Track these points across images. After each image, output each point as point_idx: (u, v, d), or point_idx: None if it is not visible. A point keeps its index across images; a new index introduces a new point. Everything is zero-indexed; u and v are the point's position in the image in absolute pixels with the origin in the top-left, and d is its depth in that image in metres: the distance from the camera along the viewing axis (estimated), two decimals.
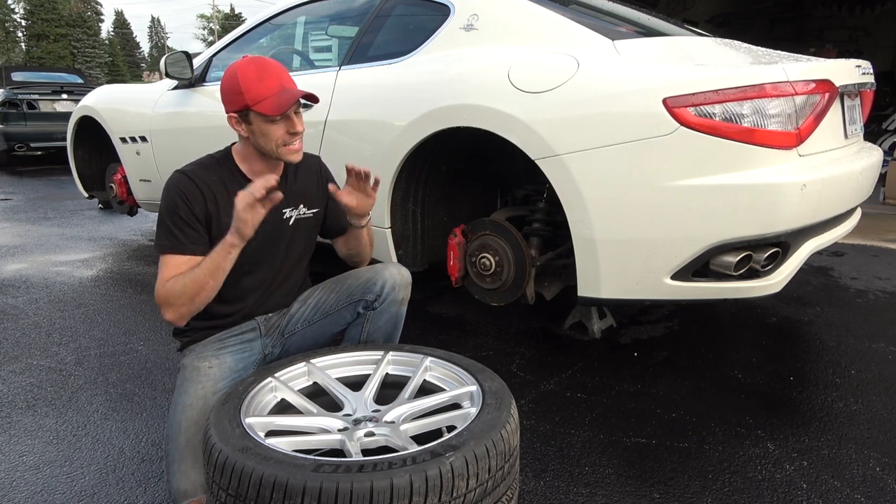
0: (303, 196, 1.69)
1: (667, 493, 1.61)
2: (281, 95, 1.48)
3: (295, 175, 1.68)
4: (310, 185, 1.71)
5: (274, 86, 1.48)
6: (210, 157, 1.62)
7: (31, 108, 8.24)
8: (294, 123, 1.52)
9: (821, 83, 1.91)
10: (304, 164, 1.71)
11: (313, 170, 1.74)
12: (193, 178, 1.52)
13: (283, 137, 1.52)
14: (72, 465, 1.75)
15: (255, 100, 1.47)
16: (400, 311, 1.70)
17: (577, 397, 2.10)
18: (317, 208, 1.72)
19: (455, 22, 2.41)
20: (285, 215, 1.65)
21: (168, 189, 1.52)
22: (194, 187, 1.51)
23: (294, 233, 1.68)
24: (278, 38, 3.51)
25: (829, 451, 1.78)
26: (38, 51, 41.62)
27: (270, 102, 1.47)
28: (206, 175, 1.54)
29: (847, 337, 2.58)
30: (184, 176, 1.53)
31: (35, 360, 2.42)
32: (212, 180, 1.54)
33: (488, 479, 1.10)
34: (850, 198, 2.15)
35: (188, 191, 1.50)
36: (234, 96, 1.50)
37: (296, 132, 1.53)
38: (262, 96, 1.47)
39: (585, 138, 1.93)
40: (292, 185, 1.67)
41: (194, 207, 1.50)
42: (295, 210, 1.67)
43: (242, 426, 1.19)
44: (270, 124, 1.49)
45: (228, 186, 1.54)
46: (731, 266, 1.88)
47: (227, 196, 1.51)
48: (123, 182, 3.96)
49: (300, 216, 1.68)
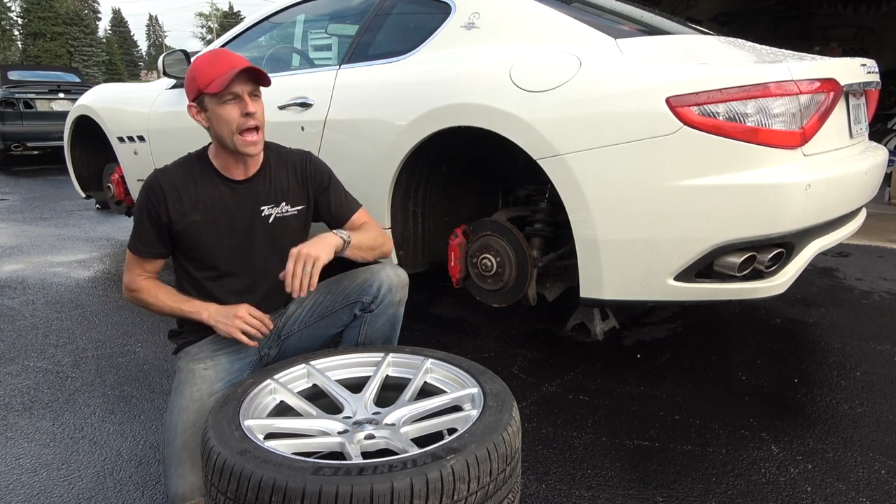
0: (284, 193, 1.65)
1: (670, 496, 1.59)
2: (227, 73, 1.48)
3: (276, 172, 1.65)
4: (292, 182, 1.67)
5: (224, 68, 1.49)
6: (190, 154, 1.65)
7: (28, 108, 8.22)
8: (246, 104, 1.51)
9: (825, 82, 1.89)
10: (288, 160, 1.68)
11: (298, 167, 1.69)
12: (160, 178, 1.57)
13: (238, 121, 1.51)
14: (69, 468, 1.73)
15: (205, 83, 1.50)
16: (397, 312, 1.68)
17: (579, 399, 2.09)
18: (301, 205, 1.68)
19: (456, 20, 2.40)
20: (264, 212, 1.63)
21: (142, 188, 1.59)
22: (157, 188, 1.55)
23: (277, 231, 1.64)
24: (277, 36, 3.49)
25: (833, 454, 1.76)
26: (35, 49, 41.51)
27: (217, 81, 1.48)
28: (176, 173, 1.58)
29: (852, 338, 2.56)
30: (153, 176, 1.59)
31: (32, 362, 2.40)
32: (180, 178, 1.57)
33: (490, 482, 1.09)
34: (855, 198, 2.14)
35: (150, 192, 1.56)
36: (189, 84, 1.54)
37: (248, 113, 1.51)
38: (212, 78, 1.49)
39: (588, 138, 1.91)
40: (272, 181, 1.64)
41: (156, 209, 1.55)
42: (275, 208, 1.64)
43: (241, 428, 1.18)
44: (223, 106, 1.50)
45: (198, 183, 1.58)
46: (734, 267, 1.86)
47: (195, 192, 1.57)
48: (121, 182, 3.95)
49: (281, 214, 1.65)
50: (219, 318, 1.54)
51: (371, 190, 2.37)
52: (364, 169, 2.41)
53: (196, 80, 1.51)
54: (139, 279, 1.60)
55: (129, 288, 1.62)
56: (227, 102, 1.50)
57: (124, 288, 1.63)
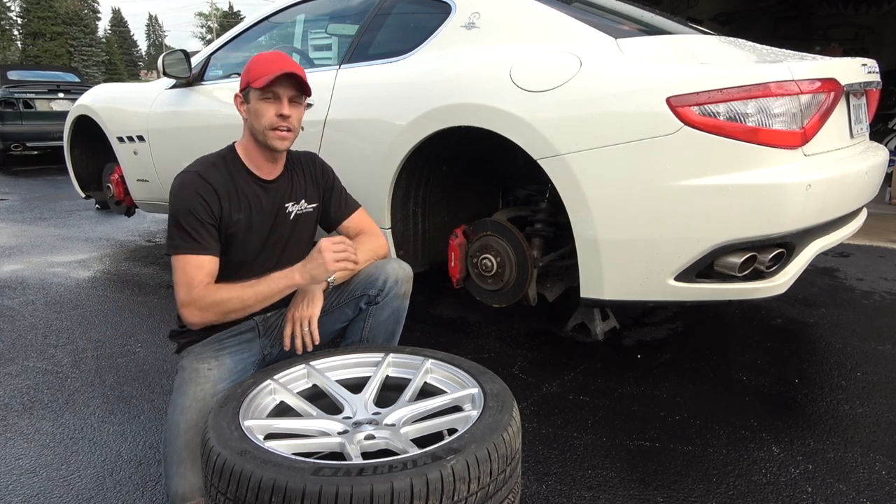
0: (303, 191, 1.74)
1: (670, 496, 1.59)
2: (274, 72, 1.54)
3: (294, 172, 1.73)
4: (308, 181, 1.76)
5: (275, 68, 1.54)
6: (214, 155, 1.65)
7: (28, 108, 8.22)
8: (282, 105, 1.56)
9: (826, 82, 1.89)
10: (301, 161, 1.77)
11: (309, 165, 1.79)
12: (207, 178, 1.55)
13: (272, 120, 1.56)
14: (68, 468, 1.73)
15: (254, 77, 1.55)
16: (402, 305, 1.72)
17: (579, 400, 2.08)
18: (315, 203, 1.77)
19: (456, 20, 2.40)
20: (288, 209, 1.70)
21: (183, 189, 1.53)
22: (209, 187, 1.54)
23: (294, 227, 1.72)
24: (277, 36, 3.48)
25: (834, 455, 1.76)
26: (35, 49, 41.47)
27: (264, 77, 1.54)
28: (216, 174, 1.58)
29: (853, 339, 2.56)
30: (197, 176, 1.55)
31: (31, 363, 2.39)
32: (222, 178, 1.58)
33: (490, 483, 1.08)
34: (855, 198, 2.14)
35: (204, 191, 1.53)
36: (243, 75, 1.60)
37: (282, 115, 1.56)
38: (260, 74, 1.55)
39: (588, 138, 1.91)
40: (293, 180, 1.72)
41: (212, 208, 1.53)
42: (296, 205, 1.72)
43: (241, 429, 1.18)
44: (262, 102, 1.56)
45: (236, 182, 1.60)
46: (735, 267, 1.86)
47: (235, 191, 1.59)
48: (121, 182, 3.94)
49: (301, 211, 1.73)
50: (314, 270, 1.49)
51: (371, 190, 2.37)
52: (364, 169, 2.40)
53: (249, 72, 1.57)
54: (201, 287, 1.47)
55: (196, 299, 1.45)
56: (267, 100, 1.56)
57: (188, 306, 1.46)
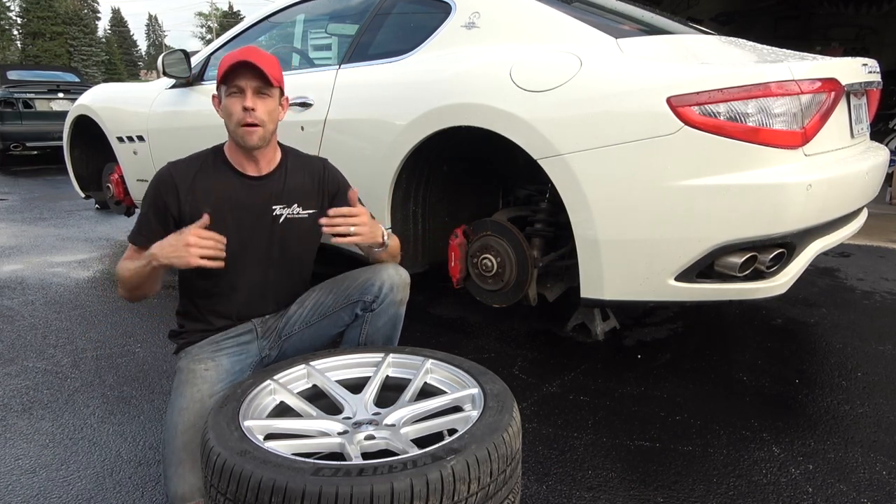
0: (298, 195, 1.67)
1: (671, 496, 1.59)
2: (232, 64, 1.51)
3: (292, 173, 1.67)
4: (307, 186, 1.69)
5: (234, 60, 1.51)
6: (206, 149, 1.65)
7: (27, 108, 8.21)
8: (245, 98, 1.52)
9: (827, 82, 1.89)
10: (306, 164, 1.71)
11: (315, 172, 1.72)
12: (171, 171, 1.57)
13: (240, 116, 1.53)
14: (68, 468, 1.73)
15: (220, 73, 1.53)
16: (399, 311, 1.68)
17: (579, 400, 2.08)
18: (313, 210, 1.68)
19: (456, 20, 2.39)
20: (275, 212, 1.64)
21: (151, 180, 1.58)
22: (169, 179, 1.55)
23: (285, 232, 1.65)
24: (277, 36, 3.48)
25: (834, 455, 1.76)
26: (34, 49, 41.47)
27: (224, 71, 1.51)
28: (184, 167, 1.58)
29: (853, 339, 2.56)
30: (165, 168, 1.58)
31: (31, 363, 2.39)
32: (194, 169, 1.57)
33: (490, 483, 1.08)
34: (856, 198, 2.13)
35: (161, 183, 1.56)
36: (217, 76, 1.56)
37: (245, 107, 1.52)
38: (224, 69, 1.51)
39: (588, 137, 1.91)
40: (287, 182, 1.66)
41: (165, 200, 1.54)
42: (287, 209, 1.65)
43: (241, 429, 1.18)
44: (229, 99, 1.54)
45: (212, 174, 1.59)
46: (735, 267, 1.86)
47: (208, 183, 1.57)
48: (120, 182, 3.94)
49: (292, 215, 1.66)
50: (171, 255, 1.40)
51: (371, 190, 2.36)
52: (364, 169, 2.40)
53: (219, 69, 1.54)
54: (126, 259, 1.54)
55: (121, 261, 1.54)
56: (233, 95, 1.53)
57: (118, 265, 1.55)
